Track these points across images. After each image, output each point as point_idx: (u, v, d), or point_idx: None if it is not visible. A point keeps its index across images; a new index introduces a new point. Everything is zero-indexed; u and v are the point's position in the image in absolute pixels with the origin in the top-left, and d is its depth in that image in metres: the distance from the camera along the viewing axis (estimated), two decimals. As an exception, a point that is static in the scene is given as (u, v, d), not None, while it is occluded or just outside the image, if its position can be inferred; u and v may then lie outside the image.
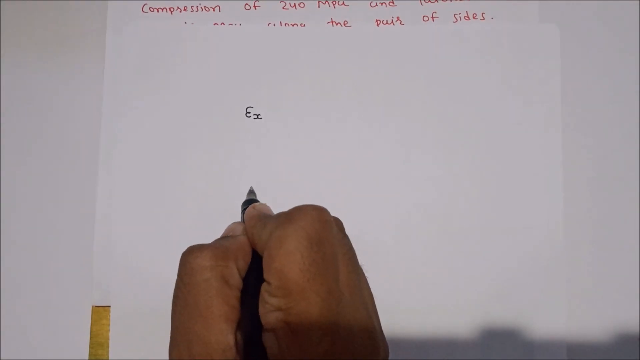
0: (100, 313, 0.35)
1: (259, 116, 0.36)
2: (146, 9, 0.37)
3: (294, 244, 0.21)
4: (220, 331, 0.21)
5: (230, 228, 0.27)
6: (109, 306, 0.35)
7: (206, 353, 0.21)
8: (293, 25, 0.36)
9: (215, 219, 0.35)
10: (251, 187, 0.35)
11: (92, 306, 0.35)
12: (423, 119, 0.36)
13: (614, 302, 0.35)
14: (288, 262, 0.21)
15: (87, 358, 0.34)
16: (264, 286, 0.22)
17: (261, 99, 0.36)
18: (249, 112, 0.36)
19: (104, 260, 0.35)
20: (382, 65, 0.36)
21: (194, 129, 0.36)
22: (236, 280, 0.22)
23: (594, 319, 0.34)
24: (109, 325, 0.34)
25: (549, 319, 0.34)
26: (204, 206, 0.35)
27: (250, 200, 0.32)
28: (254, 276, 0.23)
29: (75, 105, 0.37)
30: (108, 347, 0.34)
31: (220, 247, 0.23)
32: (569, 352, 0.34)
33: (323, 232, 0.22)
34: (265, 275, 0.22)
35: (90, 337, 0.35)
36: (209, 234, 0.34)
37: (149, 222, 0.35)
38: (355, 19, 0.37)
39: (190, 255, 0.22)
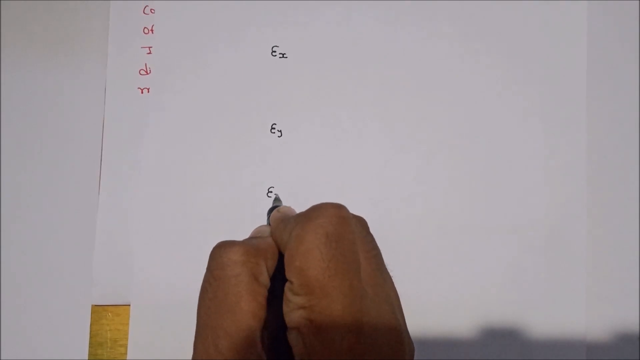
0: (100, 313, 0.35)
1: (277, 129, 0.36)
2: (147, 10, 0.37)
3: (312, 242, 0.21)
4: (248, 327, 0.21)
5: (257, 230, 0.28)
6: (110, 305, 0.35)
7: (233, 348, 0.21)
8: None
9: (221, 220, 0.35)
10: (276, 195, 0.35)
11: (92, 305, 0.35)
12: (427, 120, 0.36)
13: (614, 302, 0.35)
14: (307, 260, 0.21)
15: (87, 358, 0.34)
16: (287, 285, 0.22)
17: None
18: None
19: (104, 260, 0.35)
20: (398, 71, 0.36)
21: (195, 131, 0.36)
22: (265, 278, 0.23)
23: (594, 319, 0.34)
24: (108, 324, 0.35)
25: (547, 318, 0.34)
26: (212, 209, 0.35)
27: (275, 207, 0.32)
28: (280, 278, 0.23)
29: (77, 105, 0.37)
30: (108, 346, 0.34)
31: (252, 245, 0.23)
32: (570, 352, 0.34)
33: (341, 228, 0.22)
34: (287, 274, 0.22)
35: (90, 337, 0.35)
36: (215, 236, 0.35)
37: (152, 223, 0.35)
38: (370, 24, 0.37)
39: (221, 249, 0.22)
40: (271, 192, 0.35)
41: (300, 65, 0.36)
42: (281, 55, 0.36)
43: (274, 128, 0.36)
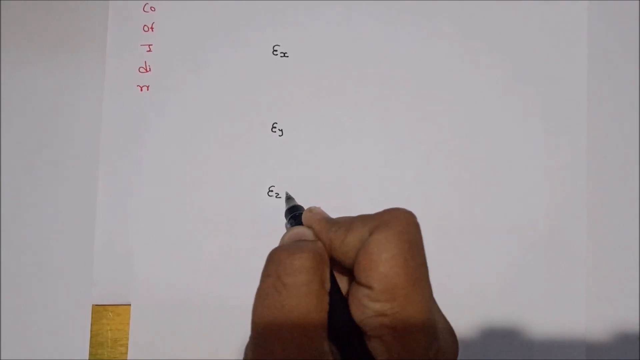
0: (100, 312, 0.35)
1: (276, 126, 0.36)
2: (147, 8, 0.37)
3: (398, 248, 0.21)
4: (318, 337, 0.20)
5: (298, 233, 0.26)
6: (110, 305, 0.35)
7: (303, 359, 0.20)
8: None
9: (221, 220, 0.35)
10: (287, 193, 0.34)
11: (92, 305, 0.35)
12: (427, 120, 0.36)
13: (614, 302, 0.35)
14: (394, 266, 0.21)
15: (87, 358, 0.34)
16: (363, 291, 0.21)
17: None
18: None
19: (104, 259, 0.35)
20: (398, 71, 0.36)
21: (195, 130, 0.36)
22: (328, 285, 0.22)
23: (594, 319, 0.34)
24: (109, 324, 0.35)
25: (547, 318, 0.34)
26: (212, 209, 0.35)
27: (294, 207, 0.31)
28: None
29: (77, 105, 0.37)
30: (108, 346, 0.34)
31: (317, 250, 0.22)
32: (570, 352, 0.34)
33: (418, 235, 0.22)
34: (366, 280, 0.21)
35: (91, 337, 0.35)
36: (215, 236, 0.35)
37: (152, 223, 0.35)
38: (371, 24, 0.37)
39: (290, 254, 0.21)
40: (272, 191, 0.35)
41: (301, 64, 0.36)
42: (282, 55, 0.36)
43: (275, 127, 0.36)
